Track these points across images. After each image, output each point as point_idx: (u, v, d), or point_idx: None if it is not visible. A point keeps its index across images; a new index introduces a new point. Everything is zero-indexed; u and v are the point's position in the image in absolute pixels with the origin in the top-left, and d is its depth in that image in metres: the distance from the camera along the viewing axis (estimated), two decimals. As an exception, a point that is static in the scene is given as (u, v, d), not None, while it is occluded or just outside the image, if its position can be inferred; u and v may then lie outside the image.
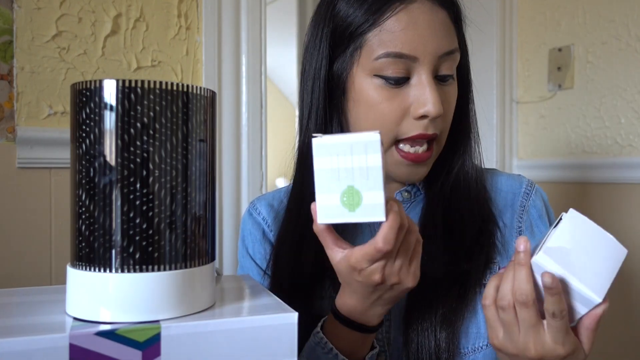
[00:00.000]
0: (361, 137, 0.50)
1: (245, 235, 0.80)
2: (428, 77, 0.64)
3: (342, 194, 0.51)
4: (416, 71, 0.64)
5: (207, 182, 0.48)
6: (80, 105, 0.44)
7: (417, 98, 0.64)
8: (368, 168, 0.50)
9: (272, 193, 0.83)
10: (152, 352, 0.41)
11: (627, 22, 1.36)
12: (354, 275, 0.55)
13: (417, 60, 0.63)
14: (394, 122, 0.65)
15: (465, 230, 0.69)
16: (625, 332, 1.36)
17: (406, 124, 0.65)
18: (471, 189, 0.71)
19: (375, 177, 0.50)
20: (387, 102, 0.65)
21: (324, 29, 0.69)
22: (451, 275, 0.66)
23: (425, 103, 0.63)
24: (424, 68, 0.64)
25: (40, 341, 0.39)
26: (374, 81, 0.65)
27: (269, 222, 0.78)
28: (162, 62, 1.13)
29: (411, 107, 0.65)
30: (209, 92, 0.48)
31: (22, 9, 0.98)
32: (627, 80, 1.36)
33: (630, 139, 1.36)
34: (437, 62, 0.64)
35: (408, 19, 0.63)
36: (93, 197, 0.43)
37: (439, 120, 0.66)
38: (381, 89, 0.65)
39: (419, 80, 0.64)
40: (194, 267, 0.46)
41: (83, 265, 0.44)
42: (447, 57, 0.65)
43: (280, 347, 0.45)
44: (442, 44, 0.64)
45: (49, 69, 1.01)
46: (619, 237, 0.54)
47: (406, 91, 0.65)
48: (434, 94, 0.63)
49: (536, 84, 1.59)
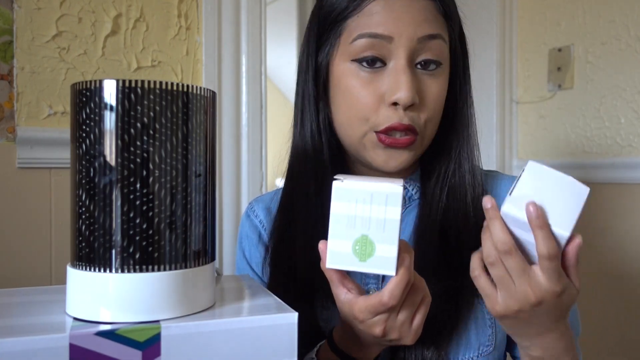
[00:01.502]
0: (384, 187, 0.50)
1: (243, 238, 0.80)
2: (403, 62, 0.62)
3: (355, 242, 0.50)
4: (393, 55, 0.63)
5: (207, 182, 0.48)
6: (80, 105, 0.44)
7: (390, 83, 0.62)
8: (386, 220, 0.50)
9: (270, 194, 0.82)
10: (152, 352, 0.41)
11: (627, 22, 1.36)
12: (355, 322, 0.55)
13: (392, 40, 0.62)
14: (368, 109, 0.64)
15: (461, 237, 0.67)
16: (625, 332, 1.36)
17: (382, 113, 0.63)
18: (468, 194, 0.69)
19: (391, 230, 0.50)
20: (362, 88, 0.64)
21: (312, 21, 0.69)
22: (446, 292, 0.64)
23: (398, 88, 0.61)
24: (400, 51, 0.62)
25: (40, 341, 0.39)
26: (350, 67, 0.64)
27: (265, 225, 0.78)
28: (162, 62, 1.13)
29: (385, 94, 0.63)
30: (209, 92, 0.48)
31: (22, 9, 0.98)
32: (627, 80, 1.36)
33: (630, 139, 1.36)
34: (415, 46, 0.63)
35: (385, 2, 0.63)
36: (93, 197, 0.43)
37: (417, 111, 0.64)
38: (357, 74, 0.64)
39: (395, 65, 0.63)
40: (194, 267, 0.46)
41: (83, 265, 0.44)
42: (428, 42, 0.63)
43: (280, 347, 0.45)
44: (421, 26, 0.63)
45: (49, 69, 1.01)
46: (619, 237, 0.54)
47: (382, 77, 0.63)
48: (407, 78, 0.61)
49: (536, 84, 1.59)
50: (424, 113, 0.65)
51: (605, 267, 1.39)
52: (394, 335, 0.54)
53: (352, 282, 0.55)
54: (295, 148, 0.73)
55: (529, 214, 0.50)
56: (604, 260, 1.39)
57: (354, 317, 0.54)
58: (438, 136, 0.70)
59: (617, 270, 1.37)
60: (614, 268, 1.37)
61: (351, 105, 0.65)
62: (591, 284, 1.41)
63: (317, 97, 0.69)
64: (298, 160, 0.71)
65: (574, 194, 0.51)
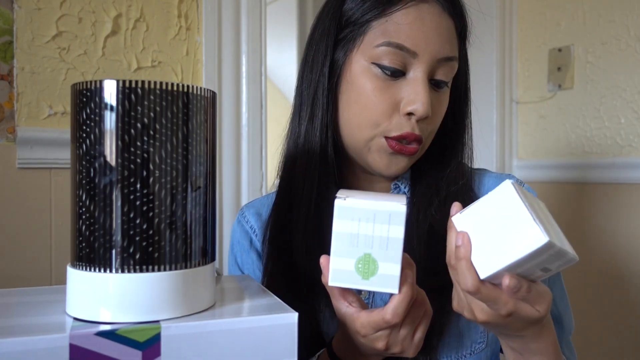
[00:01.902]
0: (387, 206, 0.49)
1: (234, 244, 0.80)
2: (423, 76, 0.63)
3: (357, 260, 0.50)
4: (413, 68, 0.64)
5: (207, 182, 0.48)
6: (80, 105, 0.44)
7: (409, 94, 0.64)
8: (389, 239, 0.50)
9: (261, 200, 0.82)
10: (152, 352, 0.41)
11: (627, 22, 1.36)
12: (356, 335, 0.55)
13: (416, 56, 0.63)
14: (381, 114, 0.64)
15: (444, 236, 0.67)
16: (623, 332, 1.36)
17: (396, 121, 0.64)
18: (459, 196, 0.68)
19: (395, 249, 0.50)
20: (379, 92, 0.64)
21: (329, 17, 0.69)
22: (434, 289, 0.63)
23: (415, 100, 0.63)
24: (422, 66, 0.63)
25: (40, 341, 0.39)
26: (370, 68, 0.65)
27: (256, 231, 0.77)
28: (162, 62, 1.13)
29: (401, 102, 0.64)
30: (209, 92, 0.48)
31: (22, 9, 0.98)
32: (627, 80, 1.36)
33: (630, 139, 1.36)
34: (435, 64, 0.64)
35: (416, 15, 0.63)
36: (93, 198, 0.43)
37: (426, 124, 0.65)
38: (376, 78, 0.64)
39: (414, 76, 0.64)
40: (194, 267, 0.46)
41: (83, 266, 0.44)
42: (445, 63, 0.65)
43: (280, 347, 0.45)
44: (444, 47, 0.64)
45: (49, 69, 1.01)
46: (619, 237, 0.54)
47: (399, 86, 0.64)
48: (426, 93, 0.63)
49: (536, 84, 1.59)
50: (430, 126, 0.67)
51: (605, 267, 1.39)
52: (396, 349, 0.55)
53: (353, 294, 0.55)
54: (296, 145, 0.72)
55: (455, 240, 0.49)
56: (603, 260, 1.39)
57: (356, 331, 0.54)
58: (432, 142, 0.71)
59: (616, 270, 1.37)
60: (613, 268, 1.37)
61: (365, 107, 0.65)
62: (590, 284, 1.41)
63: (330, 93, 0.69)
64: (301, 156, 0.71)
65: (527, 237, 0.45)
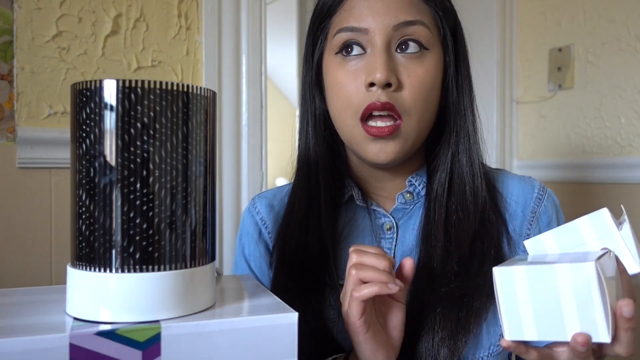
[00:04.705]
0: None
1: (243, 235, 0.79)
2: (380, 46, 0.64)
3: None
4: (370, 44, 0.65)
5: (207, 182, 0.48)
6: (80, 105, 0.44)
7: (367, 67, 0.64)
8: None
9: (274, 191, 0.81)
10: (152, 352, 0.41)
11: (627, 22, 1.36)
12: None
13: (367, 32, 0.64)
14: (352, 96, 0.65)
15: (461, 231, 0.66)
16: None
17: (361, 96, 0.64)
18: (467, 187, 0.68)
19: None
20: (346, 77, 0.66)
21: (310, 20, 0.73)
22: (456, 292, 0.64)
23: (374, 69, 0.63)
24: (376, 39, 0.64)
25: (40, 341, 0.39)
26: (336, 59, 0.67)
27: (267, 223, 0.77)
28: (162, 62, 1.13)
29: (365, 79, 0.64)
30: (209, 92, 0.48)
31: (22, 9, 0.98)
32: (627, 80, 1.36)
33: (631, 139, 1.36)
34: (391, 33, 0.64)
35: None
36: (93, 197, 0.43)
37: (403, 92, 0.64)
38: (342, 66, 0.66)
39: (371, 50, 0.65)
40: (194, 267, 0.46)
41: (83, 265, 0.44)
42: (405, 28, 0.64)
43: (280, 347, 0.45)
44: (398, 14, 0.64)
45: (49, 69, 1.01)
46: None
47: (362, 64, 0.65)
48: (381, 59, 0.63)
49: (536, 84, 1.59)
50: (409, 95, 0.64)
51: (605, 267, 1.38)
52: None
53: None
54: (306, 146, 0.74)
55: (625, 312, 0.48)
56: (604, 260, 1.38)
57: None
58: (438, 130, 0.70)
59: (617, 270, 1.36)
60: (614, 268, 1.37)
61: (338, 96, 0.67)
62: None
63: (317, 94, 0.72)
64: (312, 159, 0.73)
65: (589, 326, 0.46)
